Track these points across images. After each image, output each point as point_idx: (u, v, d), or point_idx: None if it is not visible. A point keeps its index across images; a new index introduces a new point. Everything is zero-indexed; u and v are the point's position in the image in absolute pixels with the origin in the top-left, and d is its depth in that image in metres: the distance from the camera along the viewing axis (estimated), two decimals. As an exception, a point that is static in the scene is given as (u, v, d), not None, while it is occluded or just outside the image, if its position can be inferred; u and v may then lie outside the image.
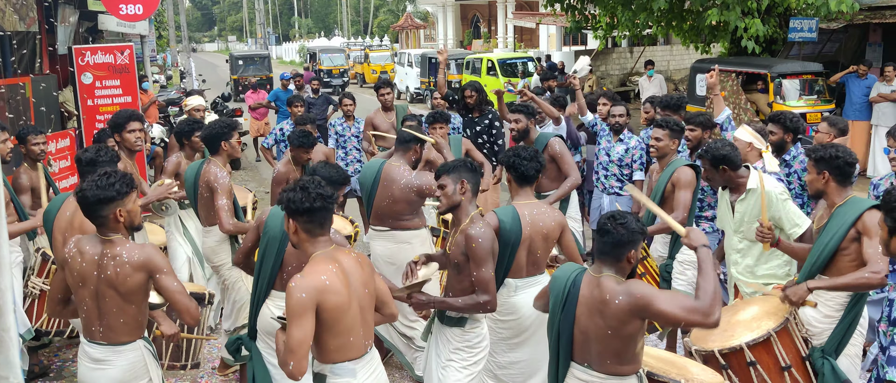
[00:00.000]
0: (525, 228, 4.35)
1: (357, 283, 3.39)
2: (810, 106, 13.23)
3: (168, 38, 38.08)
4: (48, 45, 10.82)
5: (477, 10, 44.04)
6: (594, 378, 3.45)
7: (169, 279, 3.68)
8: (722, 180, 4.85)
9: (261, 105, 14.98)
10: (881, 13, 15.10)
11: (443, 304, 4.10)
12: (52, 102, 9.66)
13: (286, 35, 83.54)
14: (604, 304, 3.33)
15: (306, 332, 3.18)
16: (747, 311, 4.33)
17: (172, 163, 6.61)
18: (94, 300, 3.69)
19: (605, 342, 3.37)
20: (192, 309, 3.69)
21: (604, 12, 17.44)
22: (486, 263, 3.98)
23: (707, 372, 3.86)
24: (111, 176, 3.65)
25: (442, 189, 4.12)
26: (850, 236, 4.09)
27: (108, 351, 3.73)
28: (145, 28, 18.24)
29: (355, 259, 3.45)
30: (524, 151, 4.53)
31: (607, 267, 3.40)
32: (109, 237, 3.67)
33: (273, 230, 4.33)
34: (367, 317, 3.47)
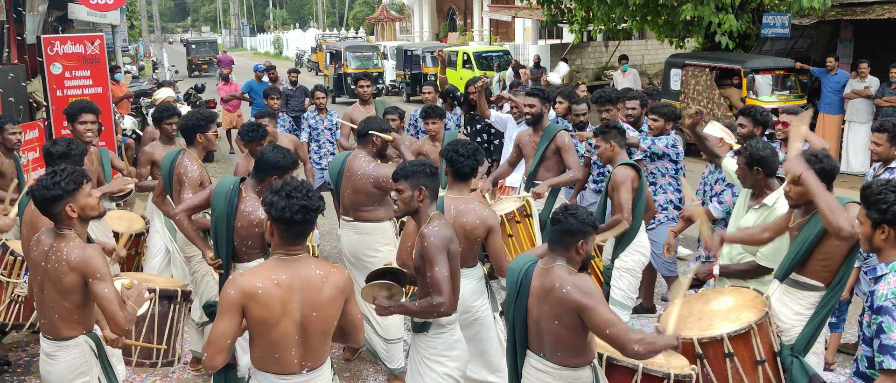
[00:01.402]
0: (448, 221, 4.30)
1: (304, 302, 3.18)
2: (783, 101, 13.35)
3: (140, 28, 37.63)
4: (16, 34, 10.65)
5: (453, 3, 43.96)
6: (548, 367, 3.56)
7: (101, 285, 3.61)
8: (752, 181, 4.71)
9: (234, 96, 14.84)
10: (852, 10, 15.28)
11: (401, 309, 4.02)
12: (20, 93, 9.51)
13: (261, 26, 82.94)
14: (551, 292, 3.44)
15: (225, 328, 3.12)
16: (721, 301, 4.33)
17: (146, 153, 6.61)
18: (40, 292, 3.75)
19: (553, 333, 3.48)
20: (119, 319, 3.60)
21: (579, 6, 17.48)
22: (439, 263, 3.84)
23: (672, 357, 3.85)
24: (58, 174, 3.67)
25: (399, 193, 4.04)
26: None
27: (53, 346, 3.77)
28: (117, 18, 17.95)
29: (320, 277, 3.21)
30: (464, 148, 4.51)
31: (559, 256, 3.51)
32: (62, 232, 3.70)
33: (219, 208, 4.56)
34: (309, 340, 3.23)
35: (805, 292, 4.17)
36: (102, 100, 9.58)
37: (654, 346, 3.41)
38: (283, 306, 3.14)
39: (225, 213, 4.59)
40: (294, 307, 3.16)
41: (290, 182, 3.24)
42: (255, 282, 3.13)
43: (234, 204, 4.62)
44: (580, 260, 3.51)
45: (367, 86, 8.81)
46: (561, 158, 6.45)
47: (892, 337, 3.02)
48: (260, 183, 4.70)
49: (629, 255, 5.43)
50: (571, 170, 6.38)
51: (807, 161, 4.11)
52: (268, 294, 3.11)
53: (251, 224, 4.60)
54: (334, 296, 3.23)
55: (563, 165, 6.45)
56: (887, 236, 3.21)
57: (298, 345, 3.22)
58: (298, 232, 3.20)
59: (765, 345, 4.04)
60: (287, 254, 3.22)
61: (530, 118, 6.54)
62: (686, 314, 4.23)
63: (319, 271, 3.22)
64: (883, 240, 3.22)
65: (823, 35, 16.90)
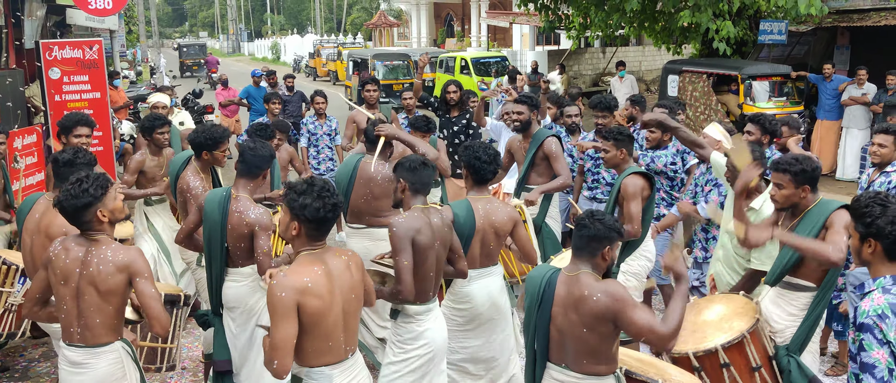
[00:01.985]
0: (478, 221, 4.52)
1: (343, 287, 3.37)
2: (780, 107, 13.38)
3: (138, 33, 37.64)
4: (15, 39, 10.63)
5: (450, 9, 44.03)
6: (571, 378, 3.47)
7: (147, 284, 3.67)
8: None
9: (232, 102, 14.83)
10: (849, 17, 15.33)
11: (381, 294, 4.16)
12: (18, 97, 9.49)
13: (259, 31, 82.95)
14: (581, 301, 3.35)
15: (288, 331, 3.19)
16: (712, 310, 4.35)
17: (135, 161, 6.54)
18: (74, 299, 3.69)
19: (580, 341, 3.39)
20: (164, 319, 3.68)
21: (577, 13, 17.51)
22: (400, 252, 4.00)
23: (685, 375, 3.87)
24: (83, 181, 3.67)
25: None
26: (821, 236, 4.11)
27: (87, 354, 3.72)
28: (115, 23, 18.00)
29: (346, 261, 3.42)
30: (485, 154, 4.60)
31: (583, 263, 3.44)
32: (95, 237, 3.70)
33: (211, 215, 4.57)
34: (350, 323, 3.43)
35: (797, 293, 4.19)
36: (101, 105, 9.58)
37: (678, 327, 3.39)
38: (331, 294, 3.31)
39: (219, 219, 4.58)
40: (338, 292, 3.34)
41: (315, 181, 3.37)
42: (302, 277, 3.24)
43: (226, 208, 4.61)
44: (605, 266, 3.47)
45: (373, 90, 8.80)
46: (550, 164, 6.47)
47: (872, 355, 2.95)
48: (253, 180, 4.70)
49: (635, 260, 5.44)
50: (561, 176, 6.40)
51: (786, 163, 4.16)
52: (318, 285, 3.26)
53: (242, 224, 4.54)
54: (360, 274, 3.48)
55: (552, 171, 6.47)
56: (874, 250, 3.13)
57: (344, 329, 3.40)
58: (327, 228, 3.38)
59: (759, 351, 4.05)
60: (313, 249, 3.37)
61: (518, 125, 6.56)
62: None
63: (343, 256, 3.43)
64: (870, 253, 3.15)
65: (820, 42, 16.94)
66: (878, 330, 2.95)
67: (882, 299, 3.00)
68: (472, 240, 4.52)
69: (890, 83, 11.64)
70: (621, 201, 5.40)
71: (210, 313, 4.85)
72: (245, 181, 4.70)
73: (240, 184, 4.70)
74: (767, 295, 4.35)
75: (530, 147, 6.52)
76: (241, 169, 4.70)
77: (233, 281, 4.67)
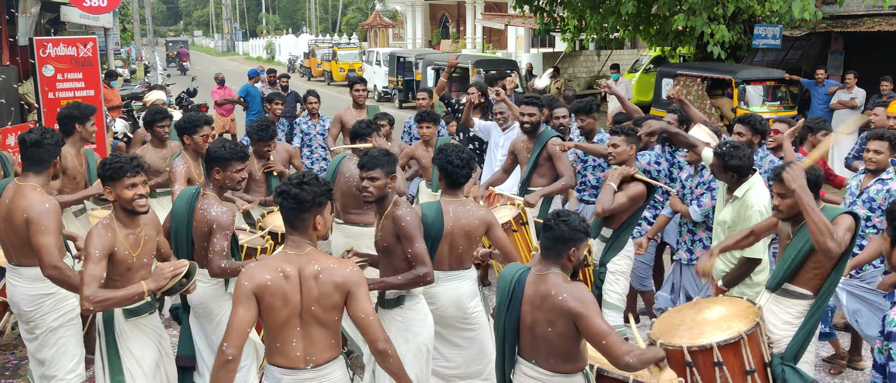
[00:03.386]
0: (447, 224, 4.53)
1: (307, 296, 3.31)
2: (773, 111, 13.43)
3: (132, 31, 37.58)
4: (8, 36, 10.62)
5: (446, 10, 44.04)
6: (540, 374, 3.56)
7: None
8: (726, 180, 4.95)
9: (228, 101, 14.80)
10: (843, 22, 15.41)
11: (383, 284, 4.25)
12: (11, 94, 9.48)
13: (253, 31, 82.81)
14: (546, 299, 3.44)
15: (241, 315, 3.26)
16: (714, 311, 4.35)
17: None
18: None
19: (547, 339, 3.47)
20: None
21: (572, 15, 17.55)
22: (417, 238, 4.19)
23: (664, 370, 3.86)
24: (119, 157, 3.98)
25: (372, 180, 4.27)
26: None
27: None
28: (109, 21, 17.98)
29: (316, 272, 3.30)
30: (457, 157, 4.60)
31: (551, 264, 3.52)
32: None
33: (179, 212, 4.61)
34: (312, 333, 3.36)
35: (794, 301, 4.20)
36: (94, 103, 9.55)
37: (644, 358, 3.45)
38: (289, 299, 3.28)
39: (185, 216, 4.56)
40: (298, 301, 3.29)
41: (308, 174, 3.39)
42: (265, 274, 3.27)
43: (193, 205, 4.57)
44: (571, 266, 3.54)
45: (362, 90, 8.88)
46: (553, 165, 6.47)
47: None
48: (209, 178, 4.65)
49: (622, 259, 5.46)
50: (564, 177, 6.39)
51: (809, 179, 4.17)
52: (276, 286, 3.26)
53: (203, 221, 4.47)
54: (332, 290, 3.32)
55: (555, 172, 6.46)
56: None
57: (301, 338, 3.35)
58: (286, 217, 3.35)
59: (755, 356, 4.05)
60: (293, 248, 3.36)
61: (529, 126, 6.57)
62: (678, 322, 4.25)
63: (317, 266, 3.31)
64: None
65: (814, 47, 17.02)
66: None
67: None
68: (441, 242, 4.54)
69: (884, 89, 11.69)
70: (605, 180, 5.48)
71: (180, 309, 4.87)
72: (206, 180, 4.68)
73: (206, 183, 4.69)
74: (764, 304, 4.36)
75: (534, 148, 6.53)
76: (204, 167, 4.77)
77: (198, 280, 4.56)
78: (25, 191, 4.42)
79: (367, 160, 4.28)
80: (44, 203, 4.37)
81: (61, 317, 4.61)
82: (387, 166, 4.27)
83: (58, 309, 4.61)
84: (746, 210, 4.82)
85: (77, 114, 6.01)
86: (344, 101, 9.16)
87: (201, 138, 5.84)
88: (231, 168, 4.56)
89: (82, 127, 6.00)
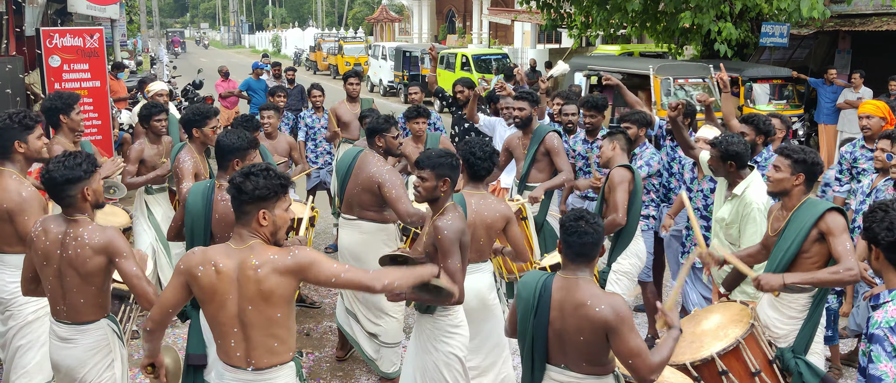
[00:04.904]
0: (470, 216, 4.51)
1: (243, 295, 3.13)
2: (780, 110, 13.39)
3: (139, 23, 37.61)
4: (15, 26, 10.62)
5: (452, 5, 43.99)
6: (572, 378, 3.44)
7: (129, 263, 3.69)
8: (724, 173, 4.92)
9: (231, 93, 14.82)
10: (851, 21, 15.35)
11: (412, 297, 4.15)
12: (18, 85, 9.47)
13: (260, 24, 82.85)
14: (582, 307, 3.29)
15: (168, 296, 3.26)
16: (710, 320, 4.35)
17: (135, 150, 6.55)
18: (57, 279, 3.75)
19: (579, 344, 3.34)
20: (150, 294, 3.69)
21: (579, 11, 17.51)
22: (452, 254, 4.02)
23: (677, 375, 3.88)
24: (77, 156, 3.70)
25: (422, 180, 4.16)
26: (811, 238, 4.12)
27: (73, 330, 3.79)
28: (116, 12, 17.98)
29: (255, 268, 3.11)
30: (481, 150, 4.60)
31: (581, 268, 3.37)
32: (75, 217, 3.73)
33: (194, 207, 4.58)
34: (250, 335, 3.17)
35: (794, 295, 4.20)
36: (100, 94, 9.58)
37: (664, 363, 3.37)
38: (215, 295, 3.14)
39: (202, 209, 4.57)
40: (229, 298, 3.14)
41: (257, 165, 3.24)
42: (197, 264, 3.16)
43: (210, 198, 4.59)
44: (595, 268, 3.47)
45: (356, 84, 8.92)
46: (551, 160, 6.46)
47: (879, 367, 2.86)
48: (225, 171, 4.68)
49: (626, 259, 5.44)
50: (563, 172, 6.39)
51: (790, 149, 4.25)
52: (206, 278, 3.14)
53: (229, 211, 4.34)
54: (273, 287, 3.13)
55: (553, 167, 6.46)
56: (878, 258, 3.07)
57: (240, 338, 3.20)
58: (240, 214, 3.21)
59: (757, 356, 4.05)
60: (234, 241, 3.23)
61: (519, 121, 6.55)
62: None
63: (255, 263, 3.11)
64: (876, 261, 3.09)
65: (822, 45, 16.95)
66: (889, 343, 2.87)
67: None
68: None
69: (892, 88, 11.63)
70: (607, 193, 5.43)
71: (188, 306, 4.79)
72: (221, 172, 4.71)
73: (220, 175, 4.71)
74: (765, 300, 4.36)
75: (531, 143, 6.51)
76: (218, 159, 4.72)
77: None
78: (2, 180, 4.41)
79: (422, 157, 4.19)
80: (20, 191, 4.38)
81: (39, 311, 4.56)
82: (439, 168, 4.12)
83: (36, 302, 4.54)
84: (745, 207, 4.81)
85: (60, 104, 5.80)
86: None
87: (210, 130, 5.81)
88: (249, 157, 4.69)
89: (67, 117, 5.81)
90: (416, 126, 6.97)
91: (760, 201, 4.79)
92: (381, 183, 5.29)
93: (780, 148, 4.34)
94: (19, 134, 4.51)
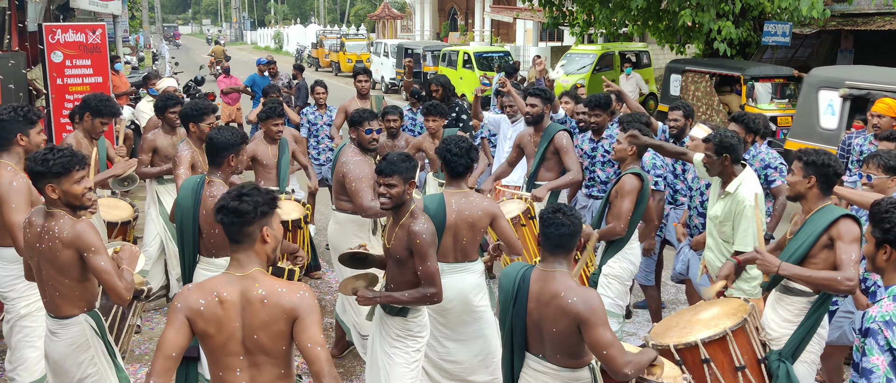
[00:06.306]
0: (450, 216, 4.52)
1: (248, 324, 2.95)
2: (781, 109, 13.39)
3: (141, 19, 37.61)
4: (18, 21, 10.62)
5: (454, 3, 43.97)
6: (548, 369, 3.56)
7: (97, 258, 3.67)
8: (719, 168, 4.88)
9: (234, 89, 14.83)
10: (853, 20, 15.34)
11: (388, 298, 4.17)
12: (20, 80, 9.48)
13: (262, 20, 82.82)
14: (554, 298, 3.40)
15: (170, 339, 2.93)
16: (708, 311, 4.36)
17: (148, 141, 6.75)
18: (38, 272, 3.82)
19: (553, 336, 3.46)
20: (120, 290, 3.67)
21: (581, 9, 17.51)
22: (430, 257, 4.06)
23: (667, 365, 3.86)
24: (54, 151, 3.69)
25: (389, 187, 4.08)
26: (821, 243, 4.09)
27: (56, 324, 3.85)
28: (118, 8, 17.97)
29: (261, 297, 2.93)
30: (457, 147, 4.58)
31: (559, 261, 3.48)
32: (51, 210, 3.75)
33: (184, 202, 4.59)
34: (257, 362, 3.01)
35: (794, 298, 4.18)
36: (102, 90, 9.55)
37: (639, 365, 3.46)
38: (220, 326, 2.95)
39: (191, 206, 4.57)
40: (235, 327, 2.96)
41: (245, 185, 3.06)
42: (198, 299, 2.95)
43: (199, 193, 4.59)
44: (573, 261, 3.52)
45: (365, 80, 8.97)
46: (560, 159, 6.46)
47: (871, 360, 2.92)
48: (219, 167, 4.65)
49: (617, 262, 5.34)
50: (571, 171, 6.38)
51: (802, 153, 4.23)
52: (210, 312, 2.93)
53: None
54: (279, 315, 2.95)
55: (562, 166, 6.46)
56: (889, 257, 3.09)
57: (246, 367, 3.02)
58: (227, 232, 2.99)
59: (745, 352, 4.01)
60: (235, 267, 3.01)
61: (531, 118, 6.55)
62: (674, 324, 4.26)
63: (260, 290, 2.95)
64: (885, 260, 3.10)
65: (824, 45, 16.96)
66: (882, 337, 2.93)
67: (891, 306, 2.97)
68: (444, 234, 4.52)
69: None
70: (613, 198, 5.36)
71: None
72: (213, 168, 4.68)
73: (211, 171, 4.69)
74: (768, 300, 4.36)
75: (541, 141, 6.52)
76: (210, 157, 4.68)
77: (206, 270, 4.62)
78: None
79: (385, 165, 4.08)
80: (11, 181, 4.38)
81: (31, 305, 4.59)
82: (406, 172, 4.09)
83: (28, 297, 4.58)
84: (737, 205, 4.80)
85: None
86: (351, 92, 9.21)
87: (207, 126, 5.88)
88: (242, 152, 4.71)
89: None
90: (432, 123, 7.01)
91: (752, 198, 4.79)
92: (346, 173, 5.43)
93: (797, 151, 4.29)
94: (23, 127, 4.58)
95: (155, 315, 6.92)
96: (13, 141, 4.55)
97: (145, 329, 6.62)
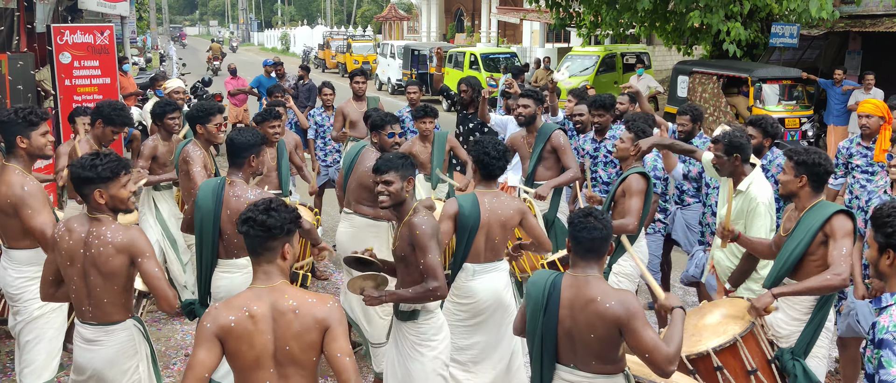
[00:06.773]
0: (484, 214, 4.51)
1: (280, 335, 2.97)
2: (789, 111, 13.35)
3: (148, 20, 37.72)
4: (26, 22, 10.65)
5: (461, 4, 43.96)
6: (581, 378, 3.42)
7: (150, 263, 3.68)
8: (730, 168, 4.89)
9: (241, 91, 14.85)
10: (861, 22, 15.28)
11: (394, 297, 4.11)
12: (28, 81, 9.51)
13: (268, 22, 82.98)
14: (591, 304, 3.28)
15: (201, 359, 2.94)
16: (713, 315, 4.35)
17: (148, 147, 6.58)
18: (82, 279, 3.73)
19: (589, 343, 3.33)
20: (170, 297, 3.68)
21: (588, 10, 17.49)
22: (431, 250, 3.98)
23: (685, 378, 3.87)
24: (101, 157, 3.68)
25: (387, 184, 4.07)
26: (817, 240, 4.10)
27: (99, 332, 3.78)
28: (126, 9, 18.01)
29: (292, 307, 2.96)
30: (494, 149, 4.61)
31: (591, 266, 3.37)
32: (96, 216, 3.72)
33: (204, 203, 4.55)
34: (287, 374, 3.03)
35: (801, 296, 4.18)
36: (110, 91, 9.60)
37: (680, 341, 3.32)
38: (252, 342, 2.96)
39: (212, 207, 4.54)
40: (267, 341, 2.97)
41: (273, 200, 3.09)
42: (228, 316, 2.96)
43: (220, 195, 4.56)
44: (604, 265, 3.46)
45: (362, 82, 9.00)
46: (558, 158, 6.46)
47: (892, 372, 2.78)
48: (241, 168, 4.65)
49: (627, 261, 5.35)
50: (570, 169, 6.39)
51: (792, 151, 4.23)
52: (241, 328, 2.94)
53: (239, 209, 4.34)
54: (306, 327, 2.98)
55: (560, 165, 6.46)
56: (892, 262, 3.00)
57: (276, 379, 3.04)
58: (250, 245, 3.03)
59: (755, 355, 4.02)
60: (262, 280, 3.04)
61: (523, 119, 6.56)
62: None
63: (292, 301, 2.98)
64: (888, 265, 3.01)
65: (832, 46, 16.89)
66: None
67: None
68: (477, 233, 4.51)
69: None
70: (619, 196, 5.36)
71: (196, 303, 4.79)
72: (234, 169, 4.69)
73: (231, 172, 4.70)
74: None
75: (537, 141, 6.52)
76: (232, 158, 4.69)
77: (225, 272, 4.61)
78: (6, 175, 4.44)
79: (381, 163, 4.08)
80: (22, 185, 4.39)
81: (45, 307, 4.59)
82: (402, 169, 4.06)
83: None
84: (750, 202, 4.81)
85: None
86: (354, 92, 9.20)
87: (214, 127, 5.84)
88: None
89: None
90: (425, 125, 6.99)
91: (765, 196, 4.81)
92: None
93: (786, 150, 4.35)
94: (22, 129, 4.52)
95: (176, 323, 6.80)
96: (14, 143, 4.54)
97: (153, 329, 6.62)
